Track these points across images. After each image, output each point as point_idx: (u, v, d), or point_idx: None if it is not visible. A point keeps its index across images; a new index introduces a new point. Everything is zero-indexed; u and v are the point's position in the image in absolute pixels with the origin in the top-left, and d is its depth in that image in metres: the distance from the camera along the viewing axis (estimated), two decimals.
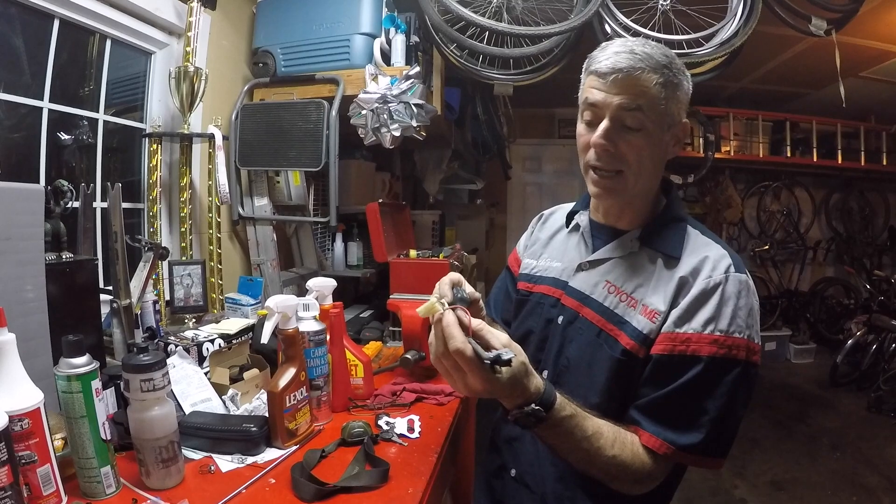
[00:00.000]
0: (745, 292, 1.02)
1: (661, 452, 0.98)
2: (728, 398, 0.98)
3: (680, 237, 1.10)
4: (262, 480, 1.09)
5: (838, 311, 6.44)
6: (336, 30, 2.36)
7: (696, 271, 1.04)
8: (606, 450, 0.97)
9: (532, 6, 2.41)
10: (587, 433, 0.96)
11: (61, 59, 1.84)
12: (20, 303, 1.17)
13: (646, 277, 1.09)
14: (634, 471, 0.99)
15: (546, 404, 0.91)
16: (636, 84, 1.00)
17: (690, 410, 0.99)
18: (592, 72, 1.05)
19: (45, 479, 0.90)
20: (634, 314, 1.06)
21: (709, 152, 5.52)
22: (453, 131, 3.36)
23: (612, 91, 1.02)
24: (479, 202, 4.84)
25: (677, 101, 1.06)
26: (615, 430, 1.00)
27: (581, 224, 1.25)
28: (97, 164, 2.02)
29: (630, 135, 1.03)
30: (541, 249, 1.35)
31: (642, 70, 1.00)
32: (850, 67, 4.09)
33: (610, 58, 1.02)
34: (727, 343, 0.98)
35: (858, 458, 3.86)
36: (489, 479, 1.32)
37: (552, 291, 1.23)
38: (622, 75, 1.00)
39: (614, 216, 1.18)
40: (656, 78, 1.00)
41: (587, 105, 1.07)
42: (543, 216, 1.44)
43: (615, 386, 1.07)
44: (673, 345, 1.00)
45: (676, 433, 0.98)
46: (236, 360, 1.55)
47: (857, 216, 6.81)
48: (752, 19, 2.33)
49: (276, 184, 2.46)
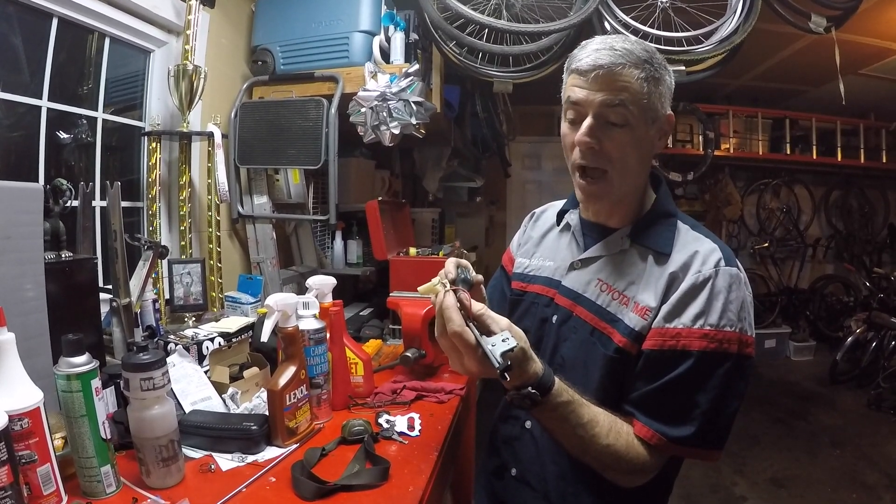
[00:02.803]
0: (737, 285, 1.02)
1: (654, 443, 0.99)
2: (720, 391, 0.98)
3: (670, 233, 1.10)
4: (263, 479, 1.09)
5: (838, 308, 6.45)
6: (335, 27, 2.36)
7: (686, 266, 1.04)
8: (601, 438, 0.98)
9: (531, 3, 2.40)
10: (582, 420, 0.97)
11: (60, 57, 1.83)
12: (20, 302, 1.17)
13: (637, 275, 1.09)
14: (628, 461, 0.99)
15: (543, 388, 0.92)
16: (618, 80, 1.00)
17: (682, 404, 0.99)
18: (574, 70, 1.05)
19: (45, 478, 0.90)
20: (627, 312, 1.07)
21: (708, 150, 5.52)
22: (453, 129, 3.36)
23: (594, 88, 1.02)
24: (478, 200, 4.83)
25: (660, 95, 1.05)
26: (612, 420, 1.01)
27: (572, 223, 1.25)
28: (96, 163, 2.02)
29: (614, 131, 1.03)
30: (533, 248, 1.35)
31: (623, 66, 1.00)
32: (849, 65, 4.09)
33: (591, 55, 1.02)
34: (718, 337, 0.98)
35: (858, 455, 3.86)
36: (489, 480, 1.31)
37: (546, 291, 1.23)
38: (603, 72, 1.00)
39: (604, 215, 1.18)
40: (637, 73, 1.01)
41: (570, 104, 1.07)
42: (535, 214, 1.45)
43: (609, 383, 1.07)
44: (663, 340, 1.01)
45: (668, 426, 0.99)
46: (236, 358, 1.55)
47: (857, 213, 6.82)
48: (752, 16, 2.33)
49: (275, 182, 2.46)
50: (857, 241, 6.73)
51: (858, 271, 6.36)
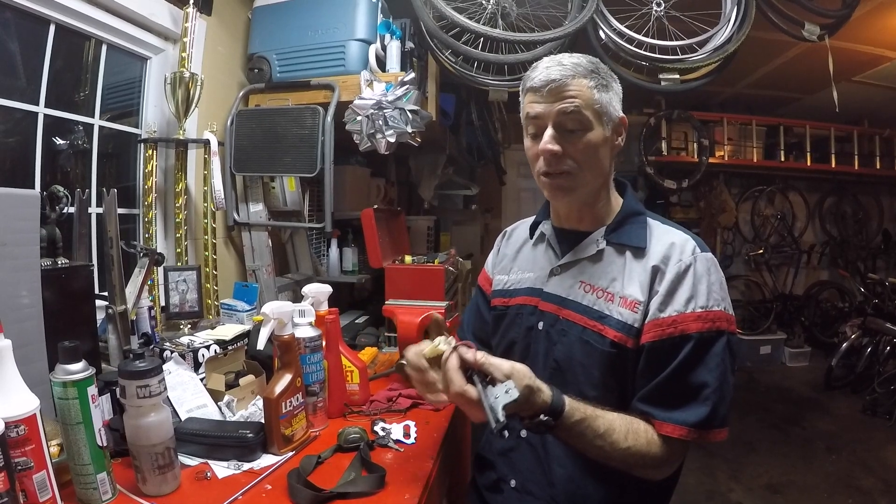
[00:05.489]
0: (713, 268, 1.10)
1: (677, 436, 1.03)
2: (722, 367, 1.04)
3: (642, 229, 1.17)
4: (259, 487, 1.09)
5: (833, 314, 6.45)
6: (331, 36, 2.36)
7: (667, 258, 1.10)
8: (620, 443, 1.02)
9: (527, 12, 2.42)
10: (599, 431, 1.01)
11: (57, 63, 1.84)
12: (16, 309, 1.17)
13: (618, 271, 1.14)
14: (652, 457, 1.04)
15: (555, 413, 0.98)
16: (570, 90, 1.09)
17: (693, 386, 1.04)
18: (529, 89, 1.15)
19: (41, 485, 0.90)
20: (614, 307, 1.11)
21: (703, 157, 5.55)
22: (448, 137, 3.36)
23: (550, 100, 1.10)
24: (473, 208, 4.83)
25: (610, 100, 1.13)
26: (627, 421, 1.05)
27: (546, 233, 1.30)
28: (92, 170, 2.02)
29: (573, 136, 1.11)
30: (510, 264, 1.39)
31: (573, 76, 1.09)
32: (843, 72, 4.13)
33: (542, 72, 1.11)
34: (710, 317, 1.05)
35: (854, 460, 3.87)
36: (483, 495, 1.31)
37: (529, 300, 1.26)
38: (556, 84, 1.09)
39: (575, 219, 1.24)
40: (587, 82, 1.10)
41: (530, 119, 1.15)
42: (507, 232, 1.50)
43: (610, 378, 1.11)
44: (661, 329, 1.06)
45: (685, 412, 1.03)
46: (232, 366, 1.55)
47: (851, 220, 6.84)
48: (746, 25, 2.35)
49: (271, 189, 2.46)
50: (851, 247, 6.75)
51: (853, 277, 6.37)
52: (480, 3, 2.36)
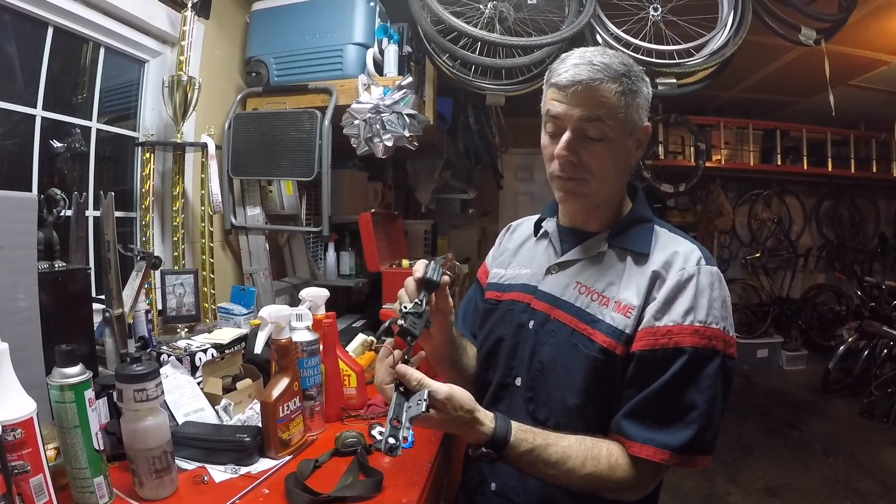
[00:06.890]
0: (718, 284, 1.04)
1: (660, 460, 0.97)
2: (713, 391, 0.99)
3: (648, 235, 1.12)
4: (256, 491, 1.09)
5: (830, 317, 6.48)
6: (329, 40, 2.36)
7: (668, 265, 1.05)
8: (578, 470, 0.98)
9: (524, 17, 2.42)
10: (551, 460, 0.98)
11: (55, 66, 1.83)
12: (13, 312, 1.17)
13: (616, 275, 1.10)
14: (617, 481, 0.99)
15: (496, 446, 0.95)
16: (596, 95, 1.02)
17: (680, 406, 0.99)
18: (553, 84, 1.07)
19: (37, 489, 0.90)
20: (608, 312, 1.07)
21: (700, 161, 5.56)
22: (445, 141, 3.37)
23: (573, 103, 1.03)
24: (471, 212, 4.84)
25: (637, 108, 1.07)
26: (587, 446, 1.01)
27: (549, 230, 1.26)
28: (90, 173, 2.02)
29: (592, 145, 1.05)
30: (509, 258, 1.34)
31: (601, 80, 1.01)
32: (839, 76, 4.13)
33: (569, 70, 1.03)
34: (707, 334, 0.99)
35: (851, 463, 3.87)
36: (471, 496, 1.30)
37: (522, 297, 1.22)
38: (582, 87, 1.01)
39: (582, 220, 1.20)
40: (615, 87, 1.02)
41: (549, 117, 1.09)
42: (511, 227, 1.45)
43: (593, 386, 1.06)
44: (655, 339, 1.01)
45: (668, 433, 0.98)
46: (229, 370, 1.55)
47: (848, 223, 6.88)
48: (743, 29, 2.36)
49: (268, 193, 2.46)
50: (848, 250, 6.79)
51: (850, 280, 6.40)
52: (478, 8, 2.37)
